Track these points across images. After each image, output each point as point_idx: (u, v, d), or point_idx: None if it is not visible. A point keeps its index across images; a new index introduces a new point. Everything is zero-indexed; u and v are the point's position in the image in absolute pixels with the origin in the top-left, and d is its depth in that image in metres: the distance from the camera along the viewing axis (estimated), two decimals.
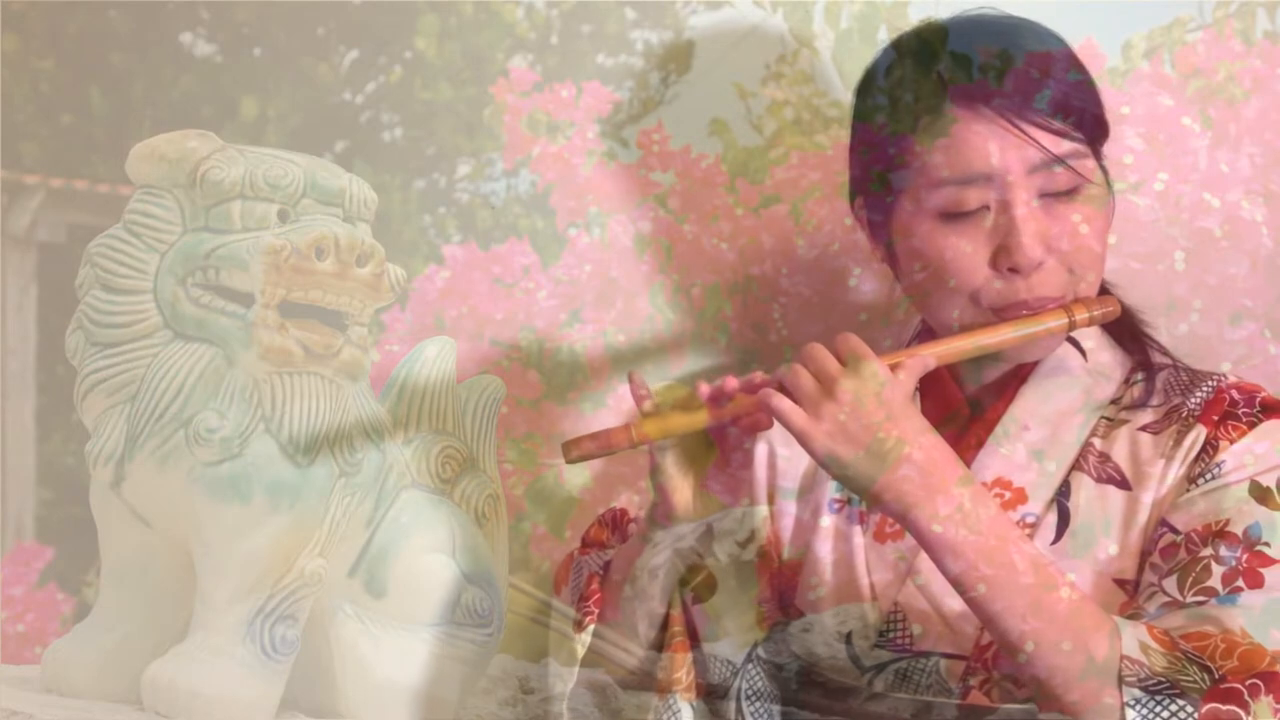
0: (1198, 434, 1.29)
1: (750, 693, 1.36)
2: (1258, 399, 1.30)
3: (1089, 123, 1.33)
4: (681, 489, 1.32)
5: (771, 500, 1.44)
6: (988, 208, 1.31)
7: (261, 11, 1.99)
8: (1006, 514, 1.25)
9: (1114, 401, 1.36)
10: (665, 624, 1.37)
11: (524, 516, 1.82)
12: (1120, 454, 1.32)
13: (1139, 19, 1.77)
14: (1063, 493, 1.32)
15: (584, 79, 1.87)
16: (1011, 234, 1.30)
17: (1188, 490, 1.28)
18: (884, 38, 1.80)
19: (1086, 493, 1.32)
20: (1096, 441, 1.34)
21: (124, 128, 1.99)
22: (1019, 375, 1.37)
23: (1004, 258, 1.30)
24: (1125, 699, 1.18)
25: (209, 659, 1.27)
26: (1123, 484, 1.31)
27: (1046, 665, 1.20)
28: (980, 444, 1.36)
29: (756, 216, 1.81)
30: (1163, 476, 1.30)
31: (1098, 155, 1.34)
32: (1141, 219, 1.67)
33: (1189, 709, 1.18)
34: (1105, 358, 1.38)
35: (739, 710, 1.35)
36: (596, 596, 1.38)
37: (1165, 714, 1.18)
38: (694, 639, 1.37)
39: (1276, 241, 1.68)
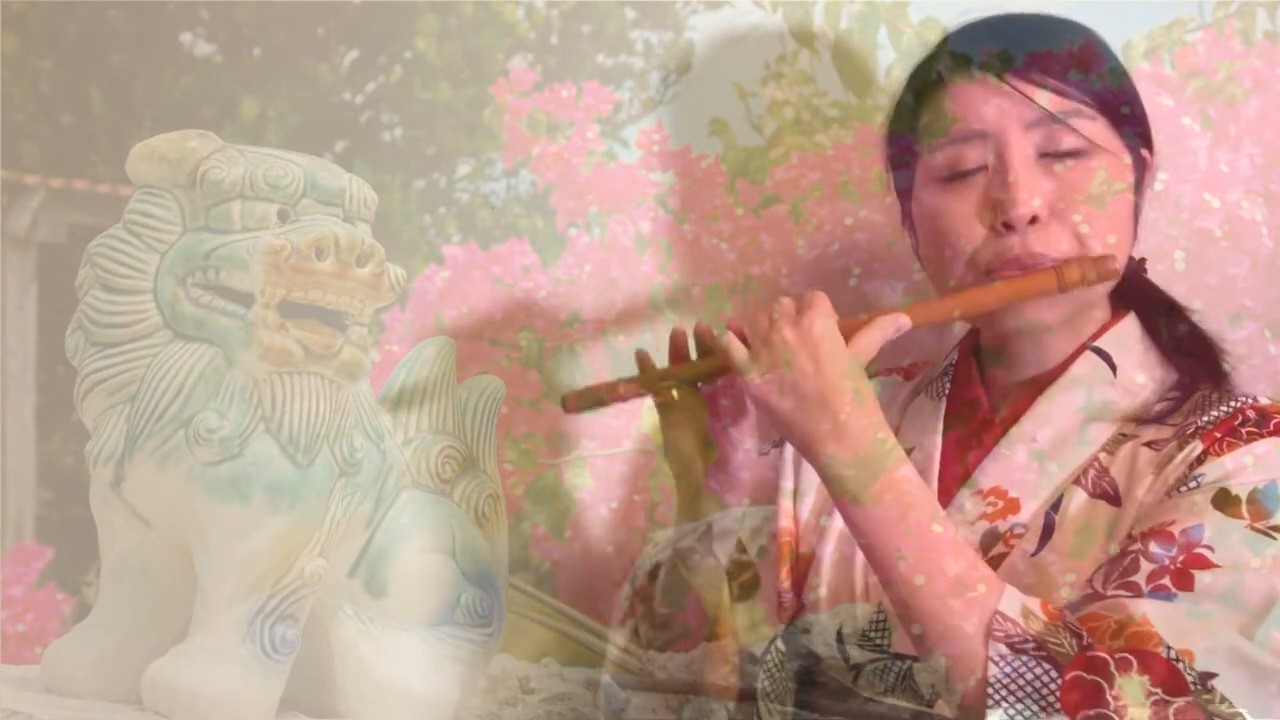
0: (1193, 449, 1.25)
1: (767, 692, 1.36)
2: (1272, 420, 1.25)
3: (1096, 88, 1.32)
4: (687, 440, 1.36)
5: (795, 500, 1.45)
6: (985, 167, 1.31)
7: (261, 11, 1.99)
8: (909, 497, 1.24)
9: (1135, 419, 1.32)
10: (666, 624, 1.37)
11: (524, 516, 1.82)
12: (1119, 469, 1.29)
13: (1139, 19, 1.77)
14: (1054, 505, 1.30)
15: (584, 79, 1.87)
16: (1004, 188, 1.29)
17: (1162, 501, 1.25)
18: (884, 38, 1.80)
19: (1077, 506, 1.29)
20: (1102, 456, 1.31)
21: (124, 128, 1.99)
22: (1042, 382, 1.35)
23: (999, 212, 1.30)
24: (990, 654, 1.16)
25: (209, 659, 1.27)
26: (1114, 499, 1.28)
27: (932, 595, 1.20)
28: (990, 449, 1.34)
29: (756, 216, 1.81)
30: (1149, 489, 1.26)
31: (1118, 124, 1.33)
32: (1142, 219, 1.67)
33: (1053, 673, 1.15)
34: (1140, 375, 1.34)
35: (755, 711, 1.35)
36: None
37: (1030, 675, 1.15)
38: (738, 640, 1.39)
39: (1276, 241, 1.68)
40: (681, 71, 1.88)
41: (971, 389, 1.39)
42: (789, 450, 1.46)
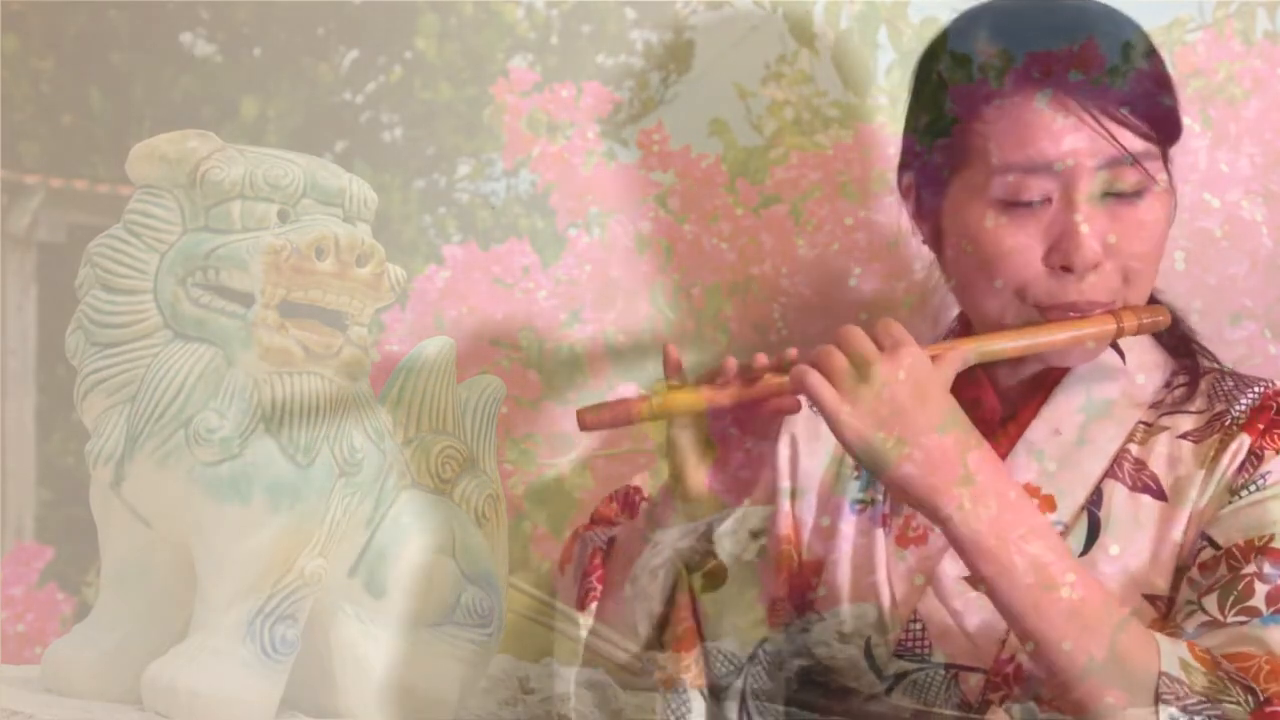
0: (1241, 443, 1.24)
1: (756, 691, 1.34)
2: None
3: (1164, 122, 1.27)
4: (699, 469, 1.29)
5: (793, 500, 1.42)
6: (1049, 200, 1.25)
7: (261, 11, 2.00)
8: (1021, 509, 1.19)
9: (1153, 406, 1.31)
10: (665, 623, 1.35)
11: (524, 516, 1.82)
12: (1158, 462, 1.27)
13: (1139, 19, 1.77)
14: (1094, 501, 1.27)
15: (584, 79, 1.87)
16: (1070, 230, 1.23)
17: (1230, 502, 1.22)
18: (884, 38, 1.80)
19: (1119, 502, 1.26)
20: (1133, 448, 1.28)
21: (124, 128, 2.00)
22: (1053, 376, 1.32)
23: (1058, 255, 1.24)
24: (1162, 718, 1.12)
25: (209, 659, 1.27)
26: (1159, 494, 1.26)
27: (1046, 663, 1.16)
28: (1010, 447, 1.31)
29: (756, 216, 1.82)
30: (1203, 488, 1.24)
31: (1166, 157, 1.28)
32: None
33: None
34: (1146, 359, 1.32)
35: (744, 708, 1.33)
36: (599, 573, 1.36)
37: None
38: (700, 633, 1.35)
39: (1276, 241, 1.68)
40: (681, 71, 1.88)
41: (976, 385, 1.34)
42: (783, 453, 1.43)
